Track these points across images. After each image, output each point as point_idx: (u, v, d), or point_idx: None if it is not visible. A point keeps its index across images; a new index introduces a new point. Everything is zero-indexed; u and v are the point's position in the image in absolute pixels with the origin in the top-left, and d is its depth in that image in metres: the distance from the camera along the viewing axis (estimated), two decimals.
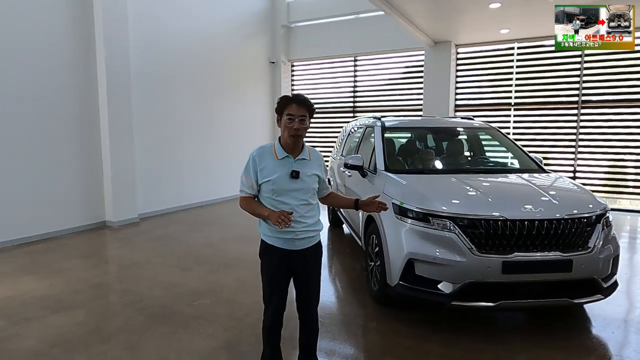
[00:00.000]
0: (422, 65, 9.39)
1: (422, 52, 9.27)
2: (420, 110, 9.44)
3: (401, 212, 3.50)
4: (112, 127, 6.77)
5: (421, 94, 9.46)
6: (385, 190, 3.89)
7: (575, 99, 8.28)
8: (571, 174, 8.35)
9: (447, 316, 3.61)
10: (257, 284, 4.28)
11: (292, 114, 2.31)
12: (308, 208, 2.40)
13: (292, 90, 11.43)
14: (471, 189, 3.62)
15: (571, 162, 8.41)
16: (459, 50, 9.22)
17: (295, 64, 11.38)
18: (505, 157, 5.51)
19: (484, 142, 5.33)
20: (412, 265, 3.33)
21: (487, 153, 5.35)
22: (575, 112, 8.31)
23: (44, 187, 6.13)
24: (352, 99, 10.67)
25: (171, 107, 8.11)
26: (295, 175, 2.34)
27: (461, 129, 5.28)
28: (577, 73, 8.23)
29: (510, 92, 8.91)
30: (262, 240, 2.48)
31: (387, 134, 4.79)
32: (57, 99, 6.23)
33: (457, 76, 9.28)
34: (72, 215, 6.52)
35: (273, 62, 10.93)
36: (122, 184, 6.99)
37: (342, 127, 7.45)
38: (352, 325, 3.54)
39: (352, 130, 6.26)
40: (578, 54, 8.10)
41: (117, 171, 6.90)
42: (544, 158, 6.33)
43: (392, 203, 3.58)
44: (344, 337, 3.34)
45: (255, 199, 2.45)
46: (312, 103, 2.39)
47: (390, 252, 3.50)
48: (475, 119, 5.72)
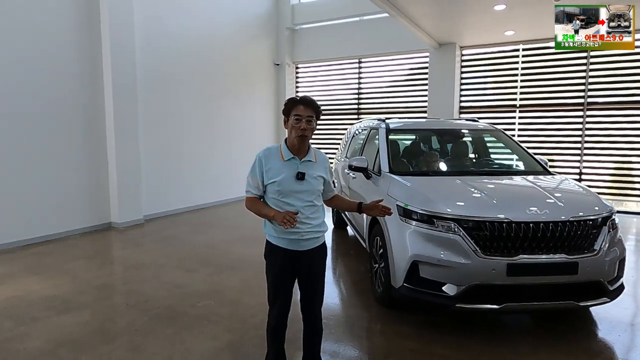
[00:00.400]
0: (426, 67, 9.38)
1: (427, 54, 9.27)
2: (425, 112, 9.43)
3: (405, 214, 3.49)
4: (117, 129, 6.82)
5: (425, 95, 9.44)
6: (389, 192, 3.89)
7: (581, 101, 8.24)
8: (577, 176, 8.30)
9: (451, 319, 3.59)
10: (261, 286, 4.29)
11: (299, 114, 2.33)
12: (313, 209, 2.41)
13: (297, 92, 11.46)
14: (476, 191, 3.61)
15: (577, 164, 8.36)
16: (464, 52, 9.20)
17: (299, 66, 11.40)
18: (510, 159, 5.50)
19: (488, 144, 5.31)
20: (416, 267, 3.32)
21: (492, 155, 5.33)
22: (580, 113, 8.26)
23: (50, 188, 6.17)
24: (356, 101, 10.67)
25: (176, 109, 8.16)
26: (300, 176, 2.35)
27: (466, 131, 5.27)
28: (583, 75, 8.18)
29: (515, 94, 8.87)
30: (267, 240, 2.49)
31: (391, 136, 4.79)
32: (63, 101, 6.28)
33: (461, 78, 9.26)
34: (78, 216, 6.56)
35: (278, 64, 10.96)
36: (128, 185, 7.04)
37: (346, 129, 7.45)
38: (356, 327, 3.54)
39: (356, 132, 6.26)
40: (584, 55, 8.07)
41: (122, 173, 6.94)
42: (549, 160, 6.31)
43: (397, 205, 3.58)
44: (348, 339, 3.34)
45: (260, 199, 2.46)
46: (319, 105, 2.41)
47: (394, 254, 3.49)
48: (479, 120, 5.71)
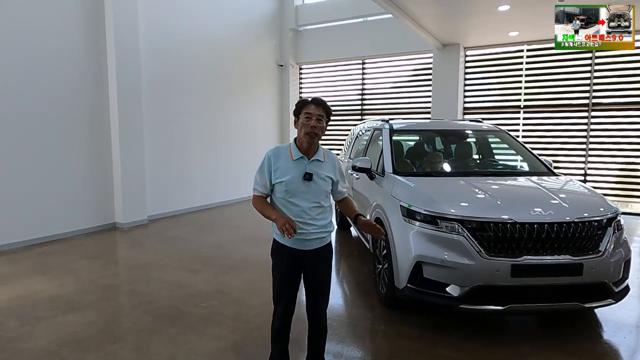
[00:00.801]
0: (430, 68, 9.37)
1: (431, 54, 9.25)
2: (429, 112, 9.41)
3: (409, 214, 3.49)
4: (122, 130, 6.85)
5: (429, 96, 9.43)
6: (393, 193, 3.88)
7: (586, 102, 8.20)
8: (582, 177, 8.26)
9: (455, 320, 3.58)
10: (265, 286, 4.32)
11: (309, 112, 2.34)
12: (320, 210, 2.41)
13: (300, 93, 11.48)
14: (480, 191, 3.60)
15: (582, 165, 8.32)
16: (468, 52, 9.19)
17: (303, 67, 11.41)
18: (515, 159, 5.48)
19: (492, 144, 5.29)
20: (420, 268, 3.31)
21: (496, 156, 5.31)
22: (585, 114, 8.23)
23: (55, 189, 6.21)
24: (360, 102, 10.67)
25: (180, 110, 8.19)
26: (308, 177, 2.35)
27: (470, 132, 5.26)
28: (588, 75, 8.14)
29: (520, 94, 8.84)
30: (274, 239, 2.51)
31: (395, 137, 4.78)
32: (69, 102, 6.31)
33: (465, 79, 9.23)
34: (83, 216, 6.60)
35: (281, 65, 10.98)
36: (132, 186, 7.06)
37: (350, 129, 7.45)
38: (359, 327, 3.54)
39: (360, 133, 6.26)
40: (588, 55, 8.03)
41: (127, 173, 6.98)
42: (554, 161, 6.27)
43: (400, 206, 3.58)
44: (351, 339, 3.33)
45: (267, 198, 2.47)
46: (330, 107, 2.42)
47: (398, 254, 3.49)
48: (483, 121, 5.70)
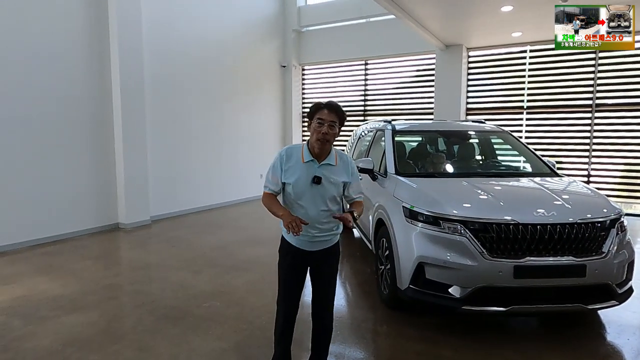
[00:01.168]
0: (433, 69, 9.36)
1: (433, 55, 9.25)
2: (431, 113, 9.41)
3: (412, 215, 3.49)
4: (125, 131, 6.87)
5: (432, 97, 9.42)
6: (395, 194, 3.88)
7: (589, 102, 8.17)
8: (585, 178, 8.23)
9: (457, 321, 3.58)
10: (267, 287, 4.32)
11: (322, 118, 2.31)
12: (327, 214, 2.38)
13: (303, 94, 11.49)
14: (482, 192, 3.59)
15: (585, 166, 8.29)
16: (471, 53, 9.17)
17: (306, 67, 11.42)
18: (518, 160, 5.46)
19: (495, 145, 5.28)
20: (422, 269, 3.31)
21: (499, 157, 5.30)
22: (589, 115, 8.20)
23: (58, 189, 6.23)
24: (362, 103, 10.67)
25: (183, 111, 8.21)
26: (317, 180, 2.33)
27: (472, 133, 5.25)
28: (591, 76, 8.12)
29: (523, 95, 8.82)
30: (282, 236, 2.52)
31: (397, 137, 4.78)
32: (71, 103, 6.33)
33: (468, 79, 9.22)
34: (86, 217, 6.62)
35: (284, 66, 10.99)
36: (135, 186, 7.09)
37: (352, 130, 7.45)
38: (361, 328, 3.53)
39: (362, 134, 6.26)
40: (592, 56, 8.01)
41: (130, 174, 7.00)
42: (557, 162, 6.26)
43: (403, 206, 3.58)
44: (354, 340, 3.33)
45: (277, 196, 2.47)
46: (344, 112, 2.39)
47: (400, 255, 3.49)
48: (486, 122, 5.68)
